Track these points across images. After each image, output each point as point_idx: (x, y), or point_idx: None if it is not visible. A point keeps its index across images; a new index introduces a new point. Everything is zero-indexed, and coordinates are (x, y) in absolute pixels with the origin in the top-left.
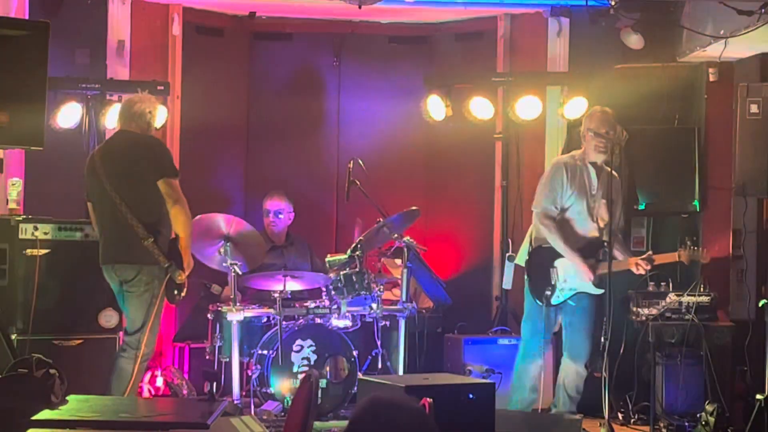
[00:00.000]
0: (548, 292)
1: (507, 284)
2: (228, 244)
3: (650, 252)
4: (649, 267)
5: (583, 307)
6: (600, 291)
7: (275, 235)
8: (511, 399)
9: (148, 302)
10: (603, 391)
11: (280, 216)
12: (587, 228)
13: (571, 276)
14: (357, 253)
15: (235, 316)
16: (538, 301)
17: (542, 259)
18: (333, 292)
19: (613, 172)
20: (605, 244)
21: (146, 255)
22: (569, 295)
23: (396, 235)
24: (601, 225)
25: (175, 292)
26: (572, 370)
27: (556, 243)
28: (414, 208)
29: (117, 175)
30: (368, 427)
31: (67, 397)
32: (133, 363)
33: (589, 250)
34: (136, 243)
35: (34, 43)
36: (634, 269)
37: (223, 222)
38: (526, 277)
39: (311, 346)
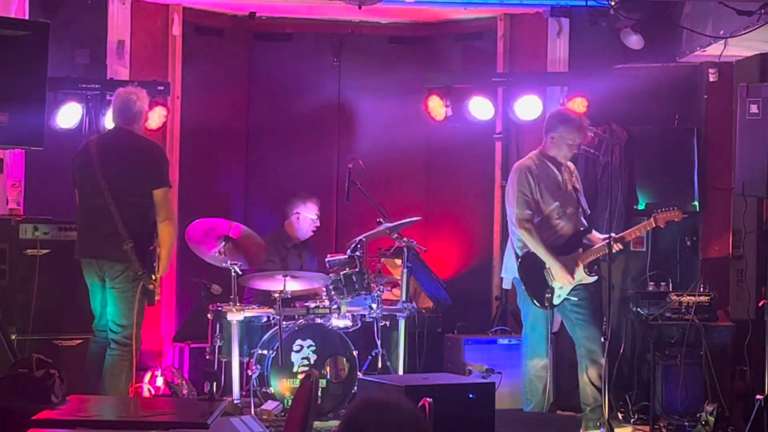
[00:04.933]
0: (548, 294)
1: (507, 284)
2: (228, 244)
3: (612, 234)
4: (621, 246)
5: (583, 299)
6: (595, 278)
7: (304, 236)
8: (526, 402)
9: (134, 299)
10: (603, 390)
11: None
12: (563, 224)
13: None
14: (357, 253)
15: (235, 316)
16: (538, 305)
17: (534, 262)
18: (333, 292)
19: (569, 164)
20: (583, 233)
21: (127, 255)
22: (568, 291)
23: (396, 235)
24: (586, 213)
25: (150, 294)
26: (593, 364)
27: (537, 247)
28: (416, 218)
29: (113, 175)
30: (360, 428)
31: (67, 397)
32: (126, 361)
33: (569, 246)
34: (118, 243)
35: (34, 43)
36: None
37: (222, 225)
38: (521, 285)
39: (311, 346)
